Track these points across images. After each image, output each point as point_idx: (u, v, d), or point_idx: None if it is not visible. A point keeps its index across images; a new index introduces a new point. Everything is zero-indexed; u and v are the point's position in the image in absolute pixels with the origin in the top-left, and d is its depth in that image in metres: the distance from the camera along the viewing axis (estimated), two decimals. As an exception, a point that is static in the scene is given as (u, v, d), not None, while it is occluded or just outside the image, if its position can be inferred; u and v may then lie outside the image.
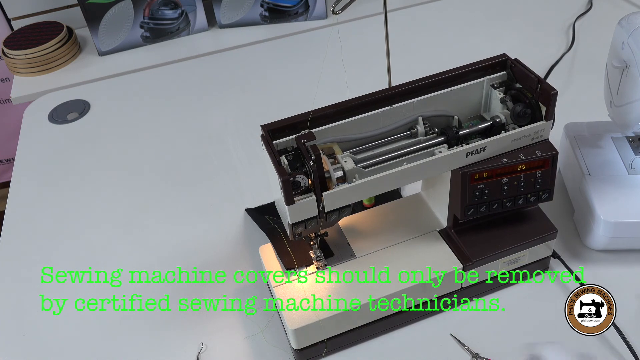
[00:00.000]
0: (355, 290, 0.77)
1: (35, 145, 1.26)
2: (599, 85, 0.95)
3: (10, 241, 1.03)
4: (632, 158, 0.91)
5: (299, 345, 0.76)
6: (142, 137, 1.24)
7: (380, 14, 1.23)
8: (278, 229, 0.86)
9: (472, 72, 0.79)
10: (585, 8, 1.49)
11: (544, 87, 0.74)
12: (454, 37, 1.46)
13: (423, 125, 0.78)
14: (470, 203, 0.78)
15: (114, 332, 0.86)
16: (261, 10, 1.55)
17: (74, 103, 1.36)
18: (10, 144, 1.96)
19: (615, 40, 0.85)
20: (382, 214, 0.88)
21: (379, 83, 0.80)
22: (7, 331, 0.88)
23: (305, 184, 0.69)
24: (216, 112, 1.29)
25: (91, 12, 1.46)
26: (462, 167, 0.75)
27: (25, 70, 1.48)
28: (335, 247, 0.83)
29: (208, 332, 0.84)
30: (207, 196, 1.08)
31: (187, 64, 1.47)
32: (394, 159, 0.75)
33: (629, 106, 0.83)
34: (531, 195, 0.79)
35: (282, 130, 0.73)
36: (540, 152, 0.76)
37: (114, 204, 1.09)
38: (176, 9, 1.53)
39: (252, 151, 1.16)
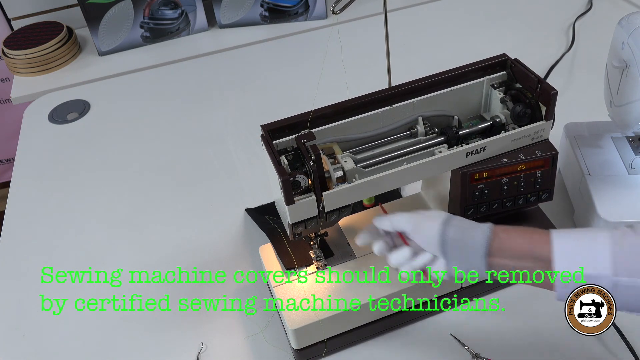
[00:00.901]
0: (355, 290, 0.77)
1: (35, 145, 1.26)
2: (599, 85, 0.95)
3: (10, 241, 1.03)
4: (632, 158, 0.91)
5: (299, 345, 0.76)
6: (142, 137, 1.24)
7: (380, 14, 1.23)
8: (278, 229, 0.86)
9: (472, 72, 0.79)
10: (585, 8, 1.49)
11: (544, 87, 0.74)
12: (454, 37, 1.46)
13: (423, 125, 0.78)
14: (470, 203, 0.78)
15: (114, 332, 0.86)
16: (261, 10, 1.55)
17: (74, 103, 1.36)
18: (10, 144, 1.96)
19: (615, 40, 0.85)
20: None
21: (379, 83, 0.80)
22: (7, 331, 0.88)
23: (305, 184, 0.69)
24: (216, 112, 1.29)
25: (91, 12, 1.46)
26: (462, 167, 0.75)
27: (25, 70, 1.48)
28: (335, 247, 0.83)
29: (208, 332, 0.84)
30: (207, 196, 1.08)
31: (187, 64, 1.47)
32: (394, 159, 0.75)
33: (629, 106, 0.83)
34: (531, 195, 0.79)
35: (282, 130, 0.73)
36: (540, 152, 0.76)
37: (114, 204, 1.09)
38: (176, 9, 1.53)
39: (252, 151, 1.16)
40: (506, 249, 0.65)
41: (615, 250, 0.59)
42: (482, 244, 0.65)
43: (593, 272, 0.59)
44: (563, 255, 0.61)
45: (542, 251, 0.62)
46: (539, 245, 0.63)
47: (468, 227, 0.67)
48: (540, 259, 0.63)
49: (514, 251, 0.64)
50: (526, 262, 0.64)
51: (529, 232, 0.65)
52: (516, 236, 0.65)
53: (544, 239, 0.63)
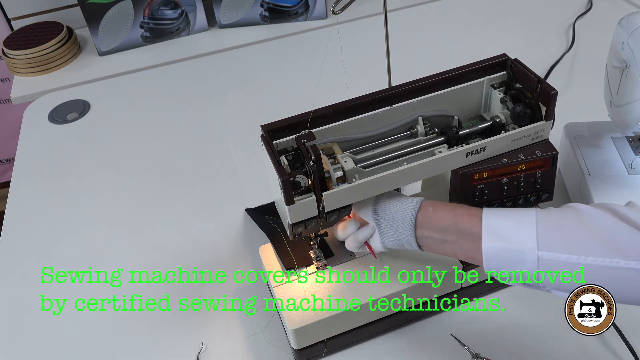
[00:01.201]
0: (355, 290, 0.77)
1: (35, 145, 1.26)
2: (599, 85, 0.95)
3: (10, 241, 1.03)
4: (632, 158, 0.91)
5: (299, 345, 0.76)
6: (142, 137, 1.24)
7: (380, 14, 1.23)
8: (278, 229, 0.86)
9: (472, 72, 0.79)
10: (585, 8, 1.49)
11: (544, 87, 0.74)
12: (454, 37, 1.46)
13: (423, 125, 0.78)
14: (470, 203, 0.77)
15: (114, 332, 0.86)
16: (261, 10, 1.55)
17: (74, 103, 1.36)
18: (10, 144, 1.96)
19: (615, 40, 0.85)
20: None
21: (379, 83, 0.80)
22: (7, 331, 0.88)
23: (305, 184, 0.69)
24: (216, 112, 1.29)
25: (91, 12, 1.46)
26: (462, 167, 0.75)
27: (25, 70, 1.48)
28: (335, 247, 0.83)
29: (208, 332, 0.84)
30: (207, 196, 1.08)
31: (187, 64, 1.47)
32: (394, 159, 0.75)
33: (629, 106, 0.83)
34: (531, 195, 0.79)
35: (282, 130, 0.73)
36: (540, 152, 0.76)
37: (114, 203, 1.09)
38: (176, 9, 1.53)
39: (252, 151, 1.16)
40: (432, 222, 0.69)
41: (540, 226, 0.62)
42: (410, 216, 0.70)
43: (518, 247, 0.63)
44: (489, 229, 0.64)
45: (466, 225, 0.66)
46: (463, 219, 0.67)
47: (398, 199, 0.72)
48: (465, 232, 0.66)
49: (440, 223, 0.69)
50: (451, 235, 0.68)
51: (456, 207, 0.69)
52: (443, 209, 0.69)
53: (469, 212, 0.67)
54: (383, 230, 0.72)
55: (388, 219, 0.71)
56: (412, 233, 0.70)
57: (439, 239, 0.69)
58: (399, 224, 0.71)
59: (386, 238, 0.72)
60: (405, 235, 0.70)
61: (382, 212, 0.72)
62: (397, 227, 0.71)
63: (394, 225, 0.71)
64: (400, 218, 0.71)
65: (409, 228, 0.70)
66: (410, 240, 0.71)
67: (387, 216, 0.71)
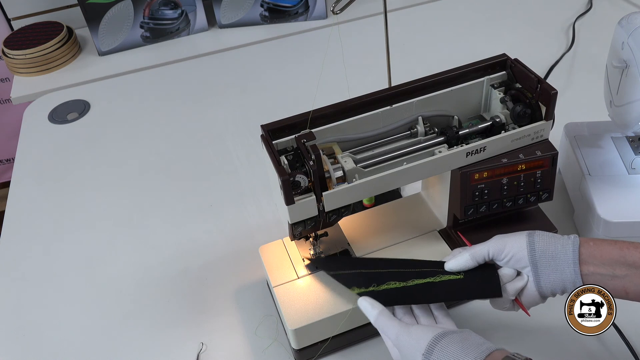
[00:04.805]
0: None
1: (35, 145, 1.26)
2: (599, 85, 0.95)
3: (10, 241, 1.03)
4: (632, 158, 0.91)
5: (299, 345, 0.76)
6: (142, 137, 1.24)
7: (380, 14, 1.23)
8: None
9: (472, 72, 0.79)
10: (585, 8, 1.49)
11: (544, 87, 0.74)
12: (454, 37, 1.46)
13: (423, 125, 0.78)
14: (470, 203, 0.78)
15: (114, 332, 0.86)
16: (261, 10, 1.55)
17: (74, 103, 1.36)
18: (10, 144, 1.96)
19: (615, 40, 0.85)
20: (382, 214, 0.88)
21: (379, 83, 0.80)
22: (7, 331, 0.88)
23: (305, 184, 0.69)
24: (216, 112, 1.29)
25: (91, 12, 1.46)
26: (462, 167, 0.75)
27: (25, 70, 1.48)
28: (335, 247, 0.83)
29: (208, 332, 0.84)
30: (207, 196, 1.08)
31: (187, 64, 1.47)
32: (394, 159, 0.75)
33: (629, 106, 0.83)
34: (531, 195, 0.79)
35: (282, 130, 0.73)
36: (540, 152, 0.76)
37: (114, 204, 1.09)
38: (176, 9, 1.53)
39: (252, 151, 1.16)
40: (597, 256, 0.63)
41: None
42: (572, 251, 0.63)
43: None
44: None
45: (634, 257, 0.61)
46: (630, 252, 0.61)
47: (554, 237, 0.65)
48: (635, 266, 0.61)
49: (605, 258, 0.62)
50: (620, 270, 0.62)
51: (617, 241, 0.63)
52: (604, 243, 0.63)
53: (635, 245, 0.61)
54: (541, 271, 0.64)
55: (546, 257, 0.63)
56: (577, 270, 0.63)
57: (607, 274, 0.62)
58: (561, 261, 0.63)
59: (544, 281, 0.64)
60: (569, 273, 0.63)
61: (540, 251, 0.64)
62: (558, 264, 0.63)
63: (554, 262, 0.63)
64: (561, 254, 0.63)
65: (573, 264, 0.62)
66: (574, 280, 0.63)
67: (546, 254, 0.64)
